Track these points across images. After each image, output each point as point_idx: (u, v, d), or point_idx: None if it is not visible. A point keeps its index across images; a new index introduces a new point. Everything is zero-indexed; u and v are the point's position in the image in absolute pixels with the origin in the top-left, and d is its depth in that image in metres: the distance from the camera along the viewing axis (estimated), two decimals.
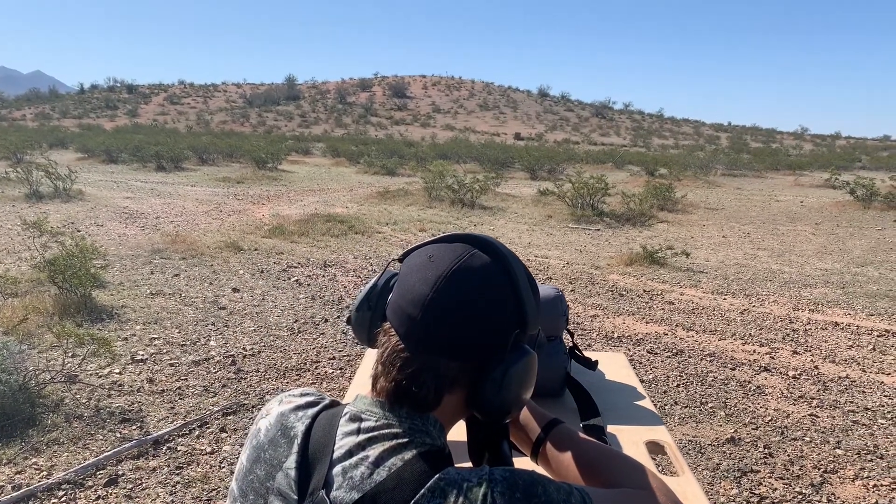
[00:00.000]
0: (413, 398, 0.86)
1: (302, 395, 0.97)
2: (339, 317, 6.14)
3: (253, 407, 4.25)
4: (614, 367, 1.95)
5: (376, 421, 0.86)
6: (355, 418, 0.88)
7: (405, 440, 0.84)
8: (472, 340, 0.86)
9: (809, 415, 4.36)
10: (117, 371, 4.70)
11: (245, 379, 4.69)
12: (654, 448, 1.50)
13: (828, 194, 18.99)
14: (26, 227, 6.90)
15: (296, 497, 0.86)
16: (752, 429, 4.15)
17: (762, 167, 30.78)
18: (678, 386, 4.79)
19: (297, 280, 7.43)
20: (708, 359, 5.34)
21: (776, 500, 3.37)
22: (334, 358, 5.13)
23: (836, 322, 6.39)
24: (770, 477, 3.59)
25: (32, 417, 3.89)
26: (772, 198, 18.55)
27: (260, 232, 10.37)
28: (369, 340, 0.97)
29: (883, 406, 4.53)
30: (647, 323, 6.27)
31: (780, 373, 5.09)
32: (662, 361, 5.26)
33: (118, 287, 6.83)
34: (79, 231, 9.91)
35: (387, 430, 0.85)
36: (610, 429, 1.55)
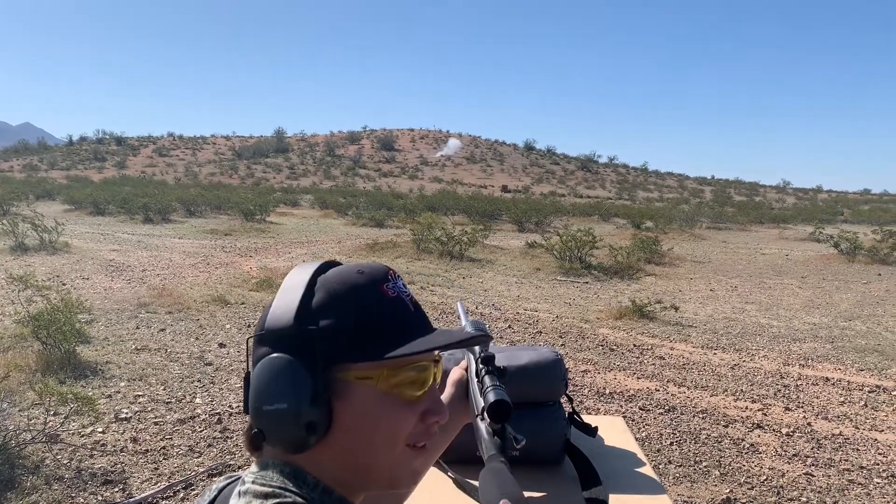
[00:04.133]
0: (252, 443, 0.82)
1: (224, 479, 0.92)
2: None
3: (239, 467, 4.15)
4: (613, 431, 1.92)
5: (251, 480, 0.78)
6: (240, 482, 0.81)
7: (272, 490, 0.77)
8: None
9: (805, 474, 4.31)
10: (100, 430, 4.59)
11: (231, 438, 4.59)
12: None
13: (812, 247, 19.20)
14: (11, 281, 6.81)
15: None
16: (748, 489, 4.09)
17: (746, 220, 31.18)
18: (671, 444, 4.73)
19: None
20: (700, 415, 5.29)
21: None
22: None
23: (826, 377, 6.37)
24: None
25: (11, 479, 3.78)
26: (757, 251, 18.73)
27: (247, 285, 10.30)
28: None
29: (878, 464, 4.48)
30: (638, 378, 6.23)
31: (774, 430, 5.04)
32: (655, 418, 5.21)
33: (103, 342, 6.73)
34: (64, 284, 9.81)
35: (254, 486, 0.78)
36: (612, 499, 1.52)
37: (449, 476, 1.62)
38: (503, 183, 71.69)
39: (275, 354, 0.81)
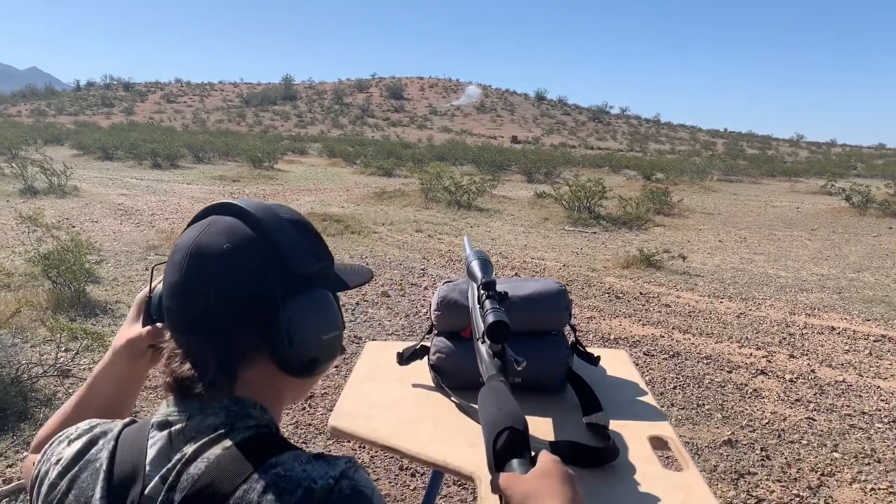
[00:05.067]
0: (210, 383, 0.82)
1: (90, 426, 0.90)
2: None
3: None
4: (616, 363, 1.93)
5: (188, 419, 0.81)
6: (164, 425, 0.83)
7: (225, 429, 0.80)
8: (239, 306, 0.82)
9: (806, 418, 4.35)
10: None
11: None
12: (658, 443, 1.48)
13: (823, 201, 19.03)
14: (22, 221, 6.85)
15: None
16: (749, 431, 4.13)
17: (758, 173, 30.87)
18: (675, 388, 4.77)
19: None
20: (705, 361, 5.32)
21: (773, 503, 3.35)
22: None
23: (832, 326, 6.38)
24: (767, 479, 3.57)
25: (25, 411, 3.85)
26: (768, 203, 18.59)
27: None
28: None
29: (879, 410, 4.52)
30: (643, 325, 6.25)
31: (777, 376, 5.07)
32: (659, 363, 5.25)
33: (112, 282, 6.78)
34: (73, 227, 9.85)
35: (202, 425, 0.81)
36: (613, 424, 1.53)
37: (452, 401, 1.64)
38: (513, 134, 71.04)
39: (317, 290, 0.88)
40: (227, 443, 0.79)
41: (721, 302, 7.22)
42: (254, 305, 0.82)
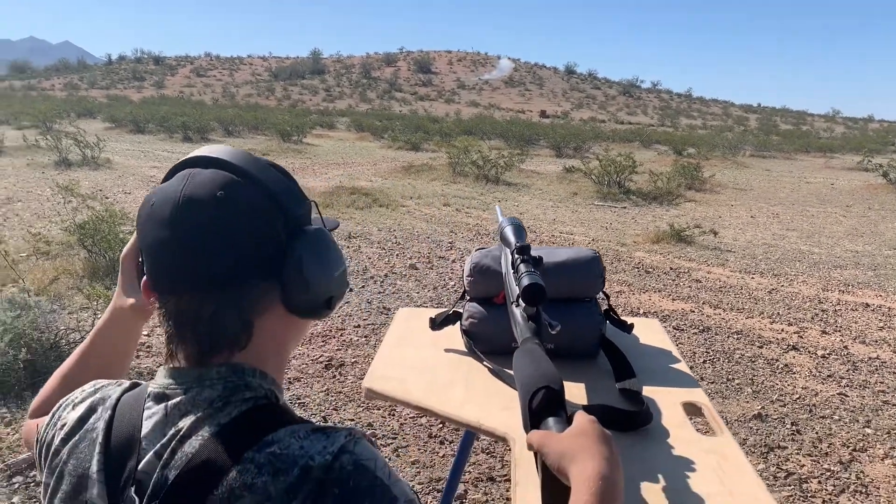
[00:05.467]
0: (223, 342, 0.79)
1: (94, 389, 0.88)
2: (363, 286, 6.15)
3: None
4: (649, 332, 1.92)
5: (184, 392, 0.79)
6: (160, 397, 0.80)
7: (220, 403, 0.77)
8: (243, 254, 0.78)
9: (838, 394, 4.30)
10: (145, 333, 4.75)
11: None
12: (692, 409, 1.48)
13: (859, 177, 18.63)
14: (58, 191, 6.97)
15: (107, 501, 0.77)
16: (780, 406, 4.10)
17: (792, 149, 30.29)
18: (704, 362, 4.74)
19: None
20: (735, 336, 5.28)
21: (804, 477, 3.33)
22: (359, 326, 5.15)
23: (866, 303, 6.28)
24: (798, 453, 3.55)
25: None
26: (801, 180, 18.25)
27: None
28: None
29: None
30: (673, 300, 6.21)
31: (809, 352, 5.02)
32: (689, 338, 5.22)
33: None
34: (107, 198, 10.00)
35: (198, 399, 0.78)
36: (646, 391, 1.53)
37: (485, 366, 1.65)
38: (542, 108, 70.38)
39: (315, 227, 0.86)
40: (223, 419, 0.76)
41: (752, 277, 7.14)
42: (261, 251, 0.79)
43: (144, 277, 0.83)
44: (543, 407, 1.03)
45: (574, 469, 0.85)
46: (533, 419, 1.03)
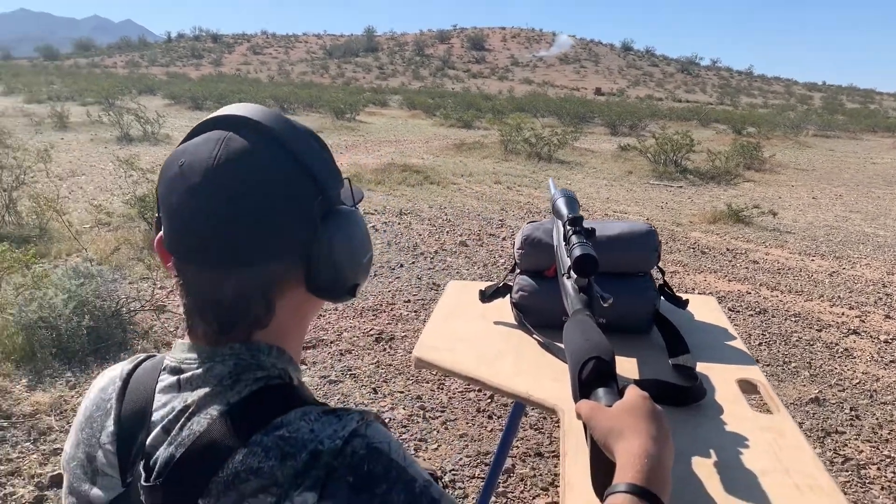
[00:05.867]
0: (244, 322, 0.76)
1: (128, 361, 0.86)
2: (413, 263, 6.18)
3: (331, 342, 4.35)
4: (704, 309, 1.88)
5: (197, 367, 0.76)
6: (175, 371, 0.77)
7: (230, 381, 0.74)
8: (274, 231, 0.74)
9: None
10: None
11: (324, 316, 4.79)
12: (747, 387, 1.44)
13: None
14: (119, 165, 7.17)
15: (117, 473, 0.76)
16: (839, 390, 3.99)
17: (858, 128, 29.13)
18: (760, 345, 4.64)
19: (373, 226, 7.51)
20: (793, 319, 5.14)
21: (862, 463, 3.24)
22: (409, 301, 5.18)
23: None
24: (856, 439, 3.45)
25: (124, 342, 4.09)
26: (867, 160, 17.57)
27: None
28: None
29: None
30: (729, 281, 6.07)
31: (871, 336, 4.86)
32: (745, 320, 5.10)
33: None
34: None
35: (209, 375, 0.75)
36: (700, 367, 1.50)
37: (535, 339, 1.64)
38: (597, 85, 69.20)
39: (349, 209, 0.81)
40: (232, 398, 0.73)
41: (812, 260, 6.93)
42: (293, 229, 0.75)
43: (160, 234, 0.78)
44: (594, 378, 1.01)
45: (619, 446, 0.84)
46: (583, 390, 1.02)
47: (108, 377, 0.84)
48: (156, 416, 0.75)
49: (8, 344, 3.75)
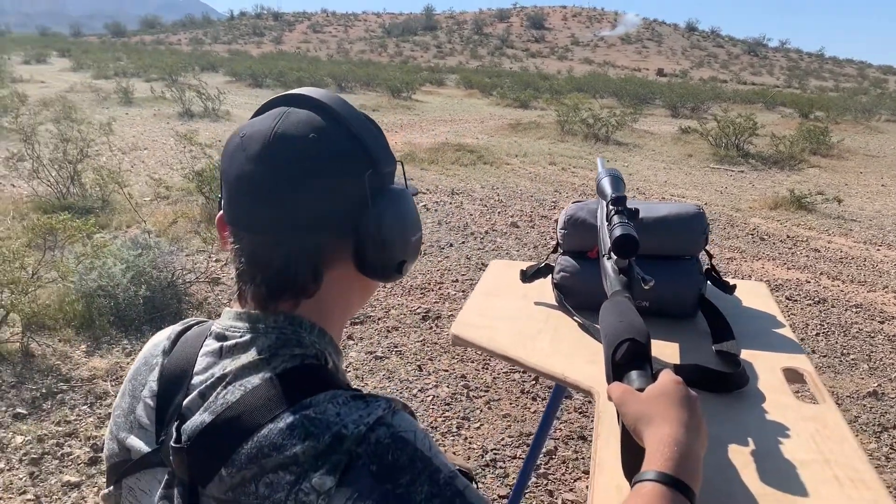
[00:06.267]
0: (292, 288, 0.78)
1: (181, 324, 0.89)
2: (463, 242, 6.18)
3: (378, 319, 4.39)
4: (753, 295, 1.83)
5: (241, 336, 0.78)
6: (220, 337, 0.79)
7: (268, 355, 0.76)
8: (326, 202, 0.76)
9: None
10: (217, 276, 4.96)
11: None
12: (792, 376, 1.39)
13: None
14: (179, 140, 7.34)
15: (153, 429, 0.79)
16: None
17: None
18: (818, 335, 4.50)
19: (424, 205, 7.52)
20: (854, 310, 4.97)
21: None
22: (457, 280, 5.19)
23: None
24: None
25: (179, 312, 4.21)
26: None
27: None
28: None
29: None
30: (788, 269, 5.90)
31: None
32: (802, 309, 4.95)
33: None
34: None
35: (251, 345, 0.77)
36: (745, 354, 1.46)
37: (575, 320, 1.62)
38: (659, 66, 67.58)
39: (400, 188, 0.83)
40: (267, 372, 0.74)
41: (878, 249, 6.67)
42: (344, 202, 0.77)
43: (221, 212, 0.82)
44: (627, 359, 1.00)
45: (648, 433, 0.83)
46: (616, 371, 1.00)
47: (160, 336, 0.88)
48: (195, 380, 0.77)
49: (69, 311, 3.90)
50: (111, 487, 0.83)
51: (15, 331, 3.67)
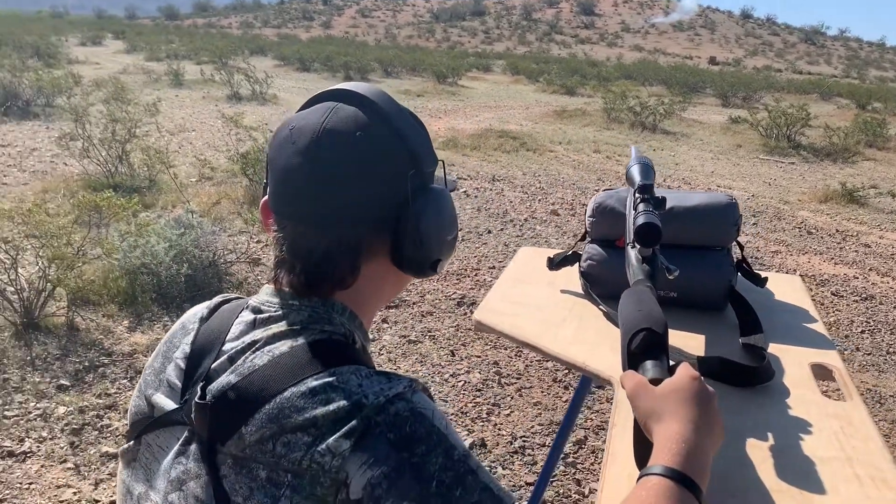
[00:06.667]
0: (330, 280, 0.81)
1: (220, 297, 0.93)
2: (502, 229, 6.16)
3: (413, 304, 4.41)
4: (787, 288, 1.78)
5: (275, 311, 0.81)
6: (255, 310, 0.83)
7: (299, 327, 0.79)
8: (369, 198, 0.79)
9: None
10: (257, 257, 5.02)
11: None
12: (820, 372, 1.36)
13: None
14: (224, 121, 7.45)
15: (179, 391, 0.82)
16: None
17: None
18: (863, 332, 4.38)
19: (465, 191, 7.52)
20: None
21: None
22: (493, 267, 5.18)
23: None
24: None
25: (219, 291, 4.29)
26: None
27: (434, 144, 10.50)
28: None
29: None
30: (835, 264, 5.74)
31: None
32: (848, 305, 4.82)
33: None
34: (271, 131, 10.56)
35: (283, 318, 0.80)
36: (773, 348, 1.43)
37: (600, 309, 1.61)
38: (712, 54, 66.07)
39: (440, 188, 0.86)
40: (296, 342, 0.78)
41: None
42: (386, 200, 0.80)
43: (265, 197, 0.86)
44: (643, 349, 0.98)
45: (657, 429, 0.82)
46: (631, 360, 1.00)
47: (200, 306, 0.92)
48: (226, 346, 0.81)
49: (113, 287, 4.01)
50: (131, 442, 0.87)
51: (61, 305, 3.80)
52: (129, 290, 4.00)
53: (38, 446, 2.78)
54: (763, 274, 1.69)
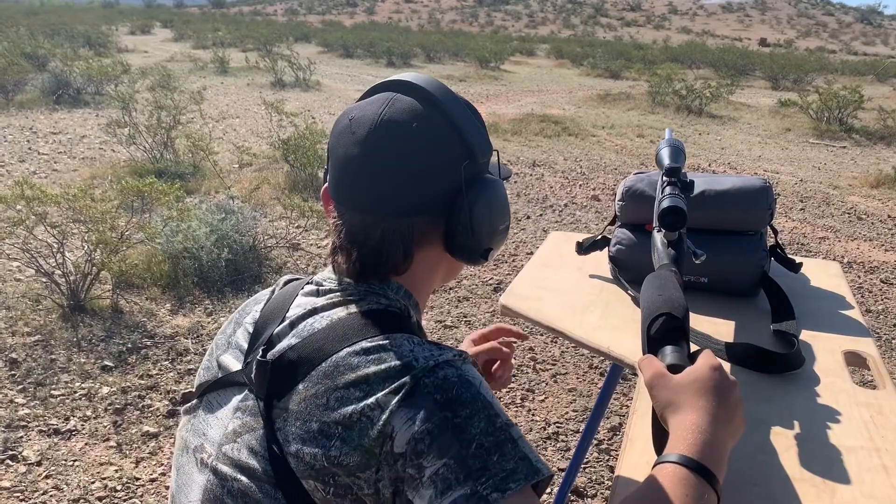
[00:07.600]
0: (384, 266, 0.84)
1: (292, 275, 1.00)
2: (541, 215, 6.12)
3: (450, 289, 4.42)
4: (823, 275, 1.73)
5: (336, 285, 0.87)
6: (317, 283, 0.89)
7: (357, 297, 0.85)
8: (424, 188, 0.83)
9: None
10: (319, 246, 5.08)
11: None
12: (854, 359, 1.32)
13: None
14: (266, 108, 7.53)
15: (243, 353, 0.88)
16: None
17: None
18: None
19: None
20: None
21: None
22: (531, 253, 5.15)
23: None
24: None
25: (259, 275, 4.36)
26: None
27: None
28: None
29: None
30: (886, 251, 5.56)
31: None
32: None
33: None
34: (313, 118, 10.64)
35: (342, 290, 0.86)
36: (805, 335, 1.39)
37: (629, 294, 1.59)
38: (762, 35, 64.34)
39: (494, 178, 0.89)
40: (354, 309, 0.83)
41: None
42: (441, 189, 0.83)
43: (326, 185, 0.90)
44: (662, 334, 0.97)
45: (674, 420, 0.82)
46: (651, 345, 0.98)
47: (276, 284, 0.99)
48: (289, 314, 0.87)
49: (156, 270, 4.11)
50: (194, 401, 0.93)
51: (106, 288, 3.91)
52: (171, 273, 4.10)
53: (82, 425, 2.87)
54: (798, 259, 1.65)
